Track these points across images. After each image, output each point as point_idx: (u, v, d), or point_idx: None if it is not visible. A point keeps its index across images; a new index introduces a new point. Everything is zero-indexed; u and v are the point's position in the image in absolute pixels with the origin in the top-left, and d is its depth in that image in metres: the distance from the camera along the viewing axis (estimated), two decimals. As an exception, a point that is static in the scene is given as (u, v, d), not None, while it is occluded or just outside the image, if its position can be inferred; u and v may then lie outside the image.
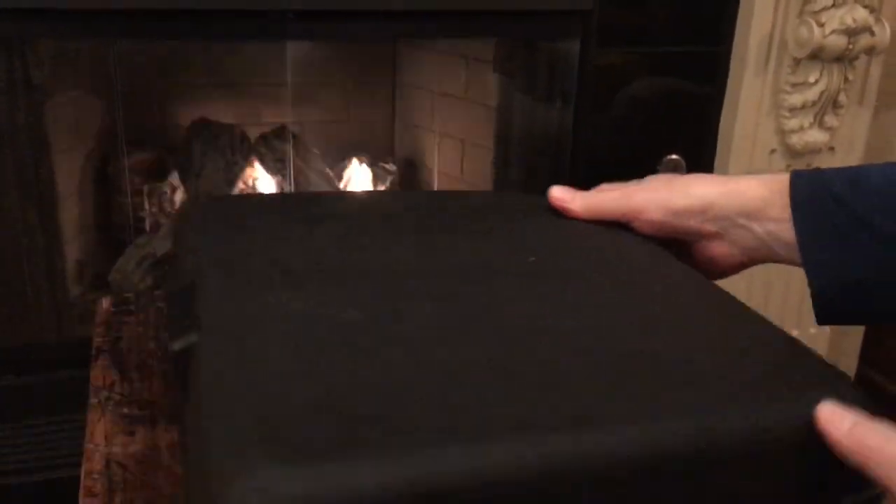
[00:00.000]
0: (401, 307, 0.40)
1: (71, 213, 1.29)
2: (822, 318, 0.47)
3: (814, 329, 1.39)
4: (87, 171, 1.37)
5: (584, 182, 0.55)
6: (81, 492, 0.47)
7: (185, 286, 0.41)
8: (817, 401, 0.33)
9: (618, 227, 0.54)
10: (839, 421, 0.32)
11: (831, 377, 0.35)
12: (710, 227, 0.50)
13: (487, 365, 0.35)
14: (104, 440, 0.52)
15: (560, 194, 0.53)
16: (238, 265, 0.43)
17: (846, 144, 1.27)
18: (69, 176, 1.29)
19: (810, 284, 0.46)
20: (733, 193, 0.49)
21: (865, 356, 1.54)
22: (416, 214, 0.55)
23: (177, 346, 0.36)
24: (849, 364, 1.52)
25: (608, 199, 0.53)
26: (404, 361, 0.35)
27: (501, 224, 0.55)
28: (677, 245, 0.53)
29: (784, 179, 0.48)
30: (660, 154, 1.17)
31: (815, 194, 0.47)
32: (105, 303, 0.68)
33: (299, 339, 0.36)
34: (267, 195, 0.93)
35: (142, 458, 0.50)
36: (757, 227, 0.49)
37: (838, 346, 1.47)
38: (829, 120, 1.24)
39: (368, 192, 0.60)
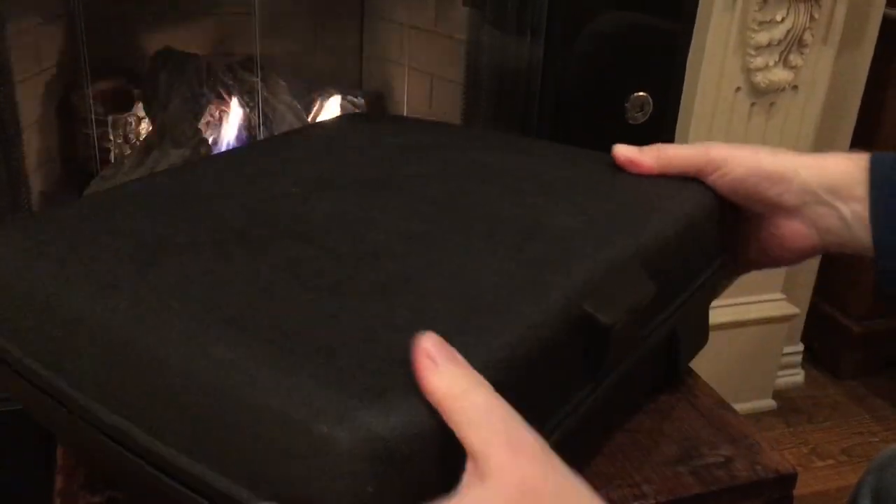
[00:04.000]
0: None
1: (34, 144, 1.27)
2: (884, 298, 0.46)
3: (771, 264, 1.43)
4: (49, 101, 1.34)
5: (553, 119, 0.56)
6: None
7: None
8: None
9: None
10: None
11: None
12: (790, 201, 0.47)
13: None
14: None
15: (626, 151, 0.51)
16: None
17: (809, 84, 1.29)
18: (31, 105, 1.26)
19: (876, 267, 0.45)
20: (817, 167, 0.47)
21: (819, 289, 1.59)
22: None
23: None
24: (803, 296, 1.57)
25: (684, 151, 0.50)
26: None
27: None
28: (745, 219, 0.50)
29: (868, 157, 0.46)
30: (627, 91, 1.18)
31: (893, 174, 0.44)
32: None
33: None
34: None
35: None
36: (841, 206, 0.46)
37: (793, 279, 1.51)
38: (794, 59, 1.25)
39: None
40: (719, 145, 0.49)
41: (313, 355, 0.32)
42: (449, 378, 0.30)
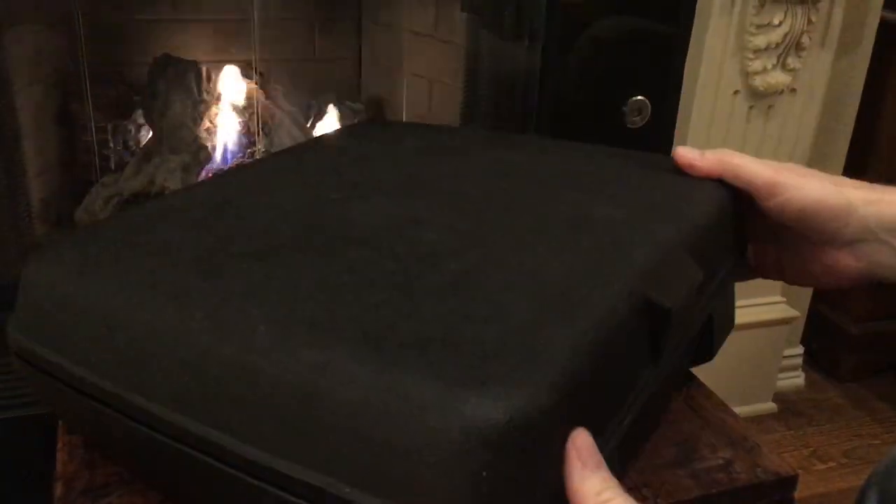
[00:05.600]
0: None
1: (34, 152, 1.27)
2: None
3: (771, 267, 1.43)
4: (49, 108, 1.34)
5: (552, 123, 0.56)
6: (61, 428, 0.49)
7: None
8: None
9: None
10: None
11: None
12: (847, 236, 0.46)
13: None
14: (82, 378, 0.53)
15: (688, 153, 0.50)
16: None
17: (807, 87, 1.29)
18: (31, 113, 1.27)
19: None
20: (879, 203, 0.45)
21: (818, 293, 1.59)
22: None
23: None
24: (802, 299, 1.57)
25: (752, 165, 0.48)
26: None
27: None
28: (797, 243, 0.49)
29: None
30: (625, 95, 1.18)
31: None
32: (76, 244, 0.69)
33: None
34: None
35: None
36: None
37: (794, 283, 1.51)
38: (792, 62, 1.25)
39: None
40: (789, 170, 0.48)
41: (405, 351, 0.32)
42: (598, 483, 0.32)
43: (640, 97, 1.19)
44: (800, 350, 1.63)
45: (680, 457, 0.48)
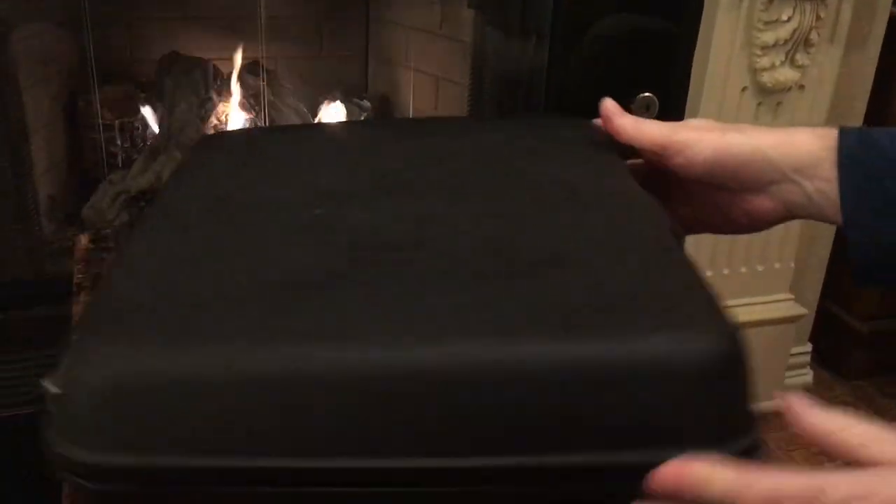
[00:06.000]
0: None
1: (41, 149, 1.28)
2: (859, 279, 0.46)
3: (778, 264, 1.43)
4: (56, 106, 1.35)
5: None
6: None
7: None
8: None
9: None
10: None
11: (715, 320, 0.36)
12: (757, 181, 0.48)
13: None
14: (89, 373, 0.53)
15: (612, 106, 0.51)
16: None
17: (816, 83, 1.29)
18: (38, 111, 1.27)
19: (849, 245, 0.45)
20: (785, 146, 0.47)
21: (826, 290, 1.58)
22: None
23: None
24: (811, 297, 1.56)
25: (654, 129, 0.49)
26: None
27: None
28: (714, 195, 0.50)
29: (835, 135, 0.45)
30: (632, 92, 1.18)
31: (861, 153, 0.45)
32: (83, 239, 0.69)
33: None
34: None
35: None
36: (807, 184, 0.46)
37: (801, 280, 1.51)
38: (801, 58, 1.25)
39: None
40: (688, 126, 0.49)
41: (587, 321, 0.34)
42: (836, 417, 0.36)
43: (647, 94, 1.19)
44: (808, 348, 1.63)
45: (688, 452, 0.47)
